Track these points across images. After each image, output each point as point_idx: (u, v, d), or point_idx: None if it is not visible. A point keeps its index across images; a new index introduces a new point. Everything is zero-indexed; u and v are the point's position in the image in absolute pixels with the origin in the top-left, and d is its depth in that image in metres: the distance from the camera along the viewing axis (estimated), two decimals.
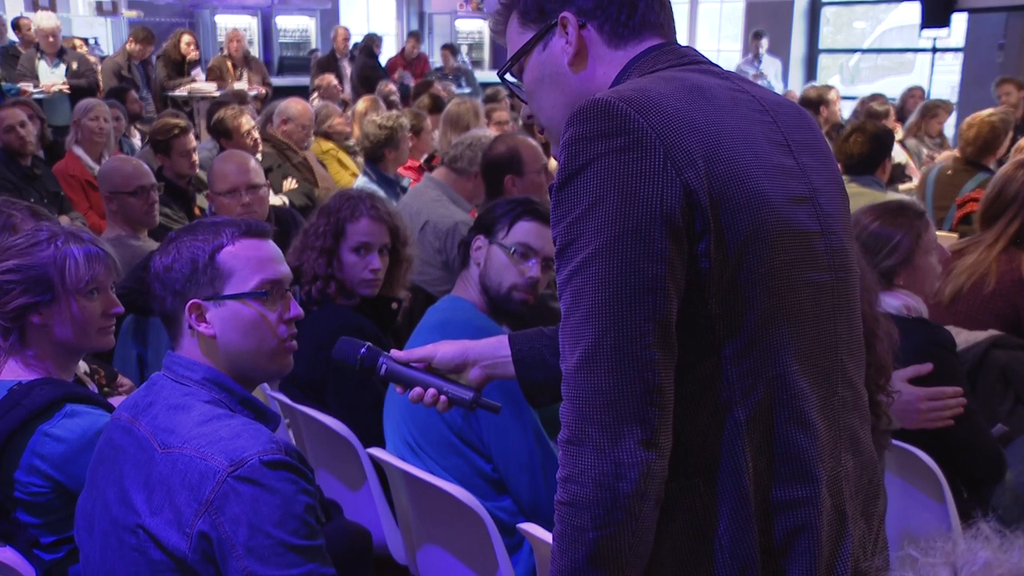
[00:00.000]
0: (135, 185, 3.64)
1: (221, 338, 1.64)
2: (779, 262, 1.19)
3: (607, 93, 1.18)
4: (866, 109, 7.15)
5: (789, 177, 1.23)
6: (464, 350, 1.55)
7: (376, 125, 4.93)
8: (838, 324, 1.28)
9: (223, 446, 1.49)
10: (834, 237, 1.28)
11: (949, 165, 5.18)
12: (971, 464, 2.40)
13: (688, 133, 1.15)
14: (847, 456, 1.29)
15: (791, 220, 1.21)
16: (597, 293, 1.12)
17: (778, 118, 1.28)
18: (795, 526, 1.22)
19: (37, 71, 7.99)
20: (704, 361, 1.18)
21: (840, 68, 13.57)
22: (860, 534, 1.30)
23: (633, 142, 1.13)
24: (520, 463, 2.25)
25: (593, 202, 1.13)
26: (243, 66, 9.23)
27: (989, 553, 0.73)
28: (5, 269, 1.93)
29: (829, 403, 1.26)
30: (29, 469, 1.84)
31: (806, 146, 1.29)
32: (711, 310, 1.17)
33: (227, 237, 1.65)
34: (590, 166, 1.14)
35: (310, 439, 2.77)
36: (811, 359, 1.24)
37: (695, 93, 1.21)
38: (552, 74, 1.34)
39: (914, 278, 2.44)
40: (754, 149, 1.20)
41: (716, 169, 1.15)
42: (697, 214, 1.14)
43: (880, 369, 1.99)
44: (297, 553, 1.46)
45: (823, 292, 1.25)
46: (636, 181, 1.12)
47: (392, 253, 2.89)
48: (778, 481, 1.21)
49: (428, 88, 8.19)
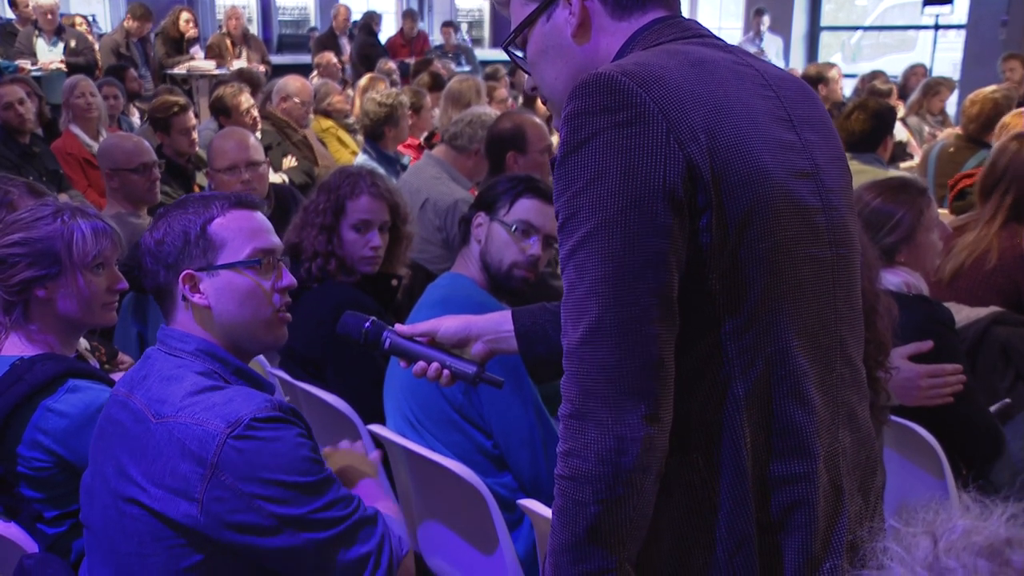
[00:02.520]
0: (138, 162, 3.63)
1: (216, 308, 1.64)
2: (780, 238, 1.19)
3: (609, 67, 1.18)
4: (868, 87, 7.12)
5: (791, 152, 1.23)
6: (467, 325, 1.55)
7: (376, 103, 4.91)
8: (838, 301, 1.28)
9: (218, 411, 1.50)
10: (835, 213, 1.27)
11: (951, 143, 5.16)
12: (970, 441, 2.40)
13: (691, 107, 1.15)
14: (844, 432, 1.29)
15: (792, 195, 1.21)
16: (600, 268, 1.12)
17: (781, 93, 1.27)
18: (792, 501, 1.22)
19: (35, 49, 7.96)
20: (704, 337, 1.18)
21: (842, 46, 13.51)
22: (857, 509, 1.31)
23: (635, 116, 1.13)
24: (520, 439, 2.26)
25: (594, 176, 1.13)
26: (242, 44, 9.19)
27: (968, 521, 0.73)
28: (11, 242, 1.92)
29: (827, 379, 1.27)
30: (32, 444, 1.84)
31: (809, 121, 1.28)
32: (712, 286, 1.17)
33: (217, 209, 1.66)
34: (592, 140, 1.13)
35: (311, 416, 2.77)
36: (810, 335, 1.24)
37: (698, 67, 1.20)
38: (555, 46, 1.33)
39: (915, 255, 2.44)
40: (756, 124, 1.20)
41: (718, 143, 1.15)
42: (699, 188, 1.14)
43: (879, 346, 1.99)
44: (313, 489, 1.52)
45: (823, 268, 1.25)
46: (638, 155, 1.12)
47: (392, 230, 2.89)
48: (776, 457, 1.22)
49: (428, 66, 8.16)
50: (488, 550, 2.19)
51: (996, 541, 0.71)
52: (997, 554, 0.70)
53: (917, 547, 0.73)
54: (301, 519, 1.51)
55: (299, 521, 1.51)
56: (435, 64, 8.40)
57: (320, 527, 1.52)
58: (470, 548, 2.27)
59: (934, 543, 0.72)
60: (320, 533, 1.52)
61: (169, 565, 1.52)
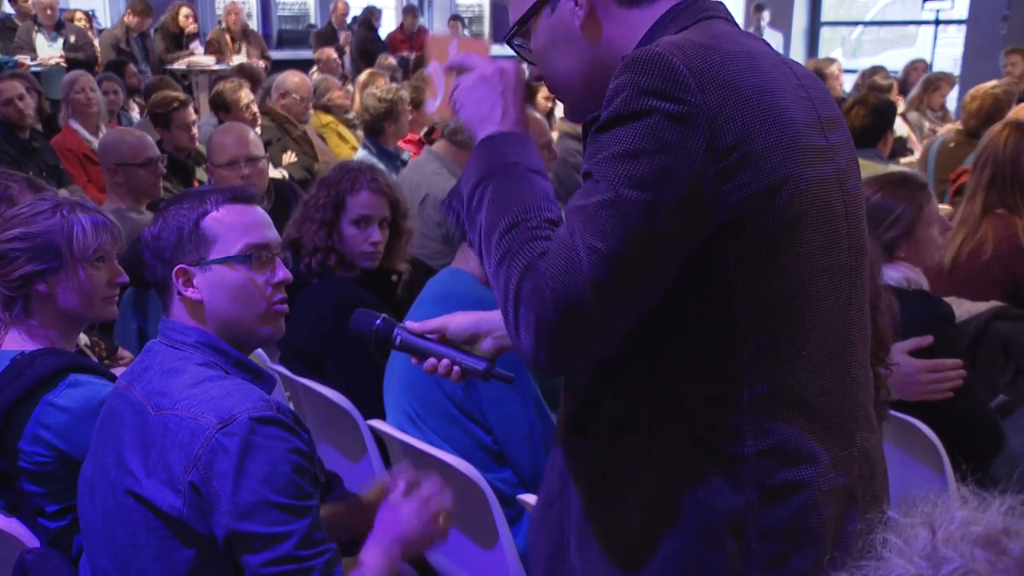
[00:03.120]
0: (144, 156, 3.62)
1: (209, 303, 1.64)
2: (806, 249, 1.19)
3: (672, 50, 1.14)
4: (869, 83, 7.11)
5: (823, 159, 1.21)
6: (477, 321, 1.55)
7: (376, 98, 4.91)
8: (852, 307, 1.28)
9: (213, 405, 1.50)
10: (855, 219, 1.27)
11: (951, 138, 5.16)
12: (970, 436, 2.41)
13: (744, 110, 1.13)
14: (863, 435, 1.29)
15: (822, 207, 1.20)
16: (599, 239, 1.11)
17: (811, 93, 1.25)
18: (800, 507, 1.22)
19: (35, 44, 7.95)
20: (721, 341, 1.18)
21: (842, 41, 13.49)
22: (866, 510, 1.31)
23: (684, 115, 1.11)
24: (520, 434, 2.26)
25: (627, 154, 1.11)
26: (241, 39, 9.18)
27: (966, 512, 0.74)
28: (10, 237, 1.92)
29: (842, 384, 1.26)
30: (33, 439, 1.84)
31: (833, 123, 1.27)
32: (735, 295, 1.17)
33: (212, 203, 1.66)
34: (638, 119, 1.12)
35: (311, 411, 2.78)
36: (826, 342, 1.24)
37: (751, 60, 1.18)
38: (565, 39, 1.31)
39: (915, 250, 2.44)
40: (798, 131, 1.18)
41: (761, 150, 1.13)
42: (727, 199, 1.13)
43: (880, 342, 1.99)
44: (282, 511, 1.46)
45: (842, 276, 1.25)
46: (674, 155, 1.11)
47: (392, 226, 2.89)
48: (784, 462, 1.21)
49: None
50: (488, 545, 2.19)
51: (993, 531, 0.72)
52: (994, 543, 0.71)
53: (915, 538, 0.73)
54: (254, 538, 1.45)
55: (252, 539, 1.45)
56: None
57: (268, 555, 1.45)
58: (470, 543, 2.27)
59: (932, 534, 0.73)
60: (266, 568, 1.45)
61: (163, 557, 1.51)
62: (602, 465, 1.29)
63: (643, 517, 1.24)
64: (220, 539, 1.48)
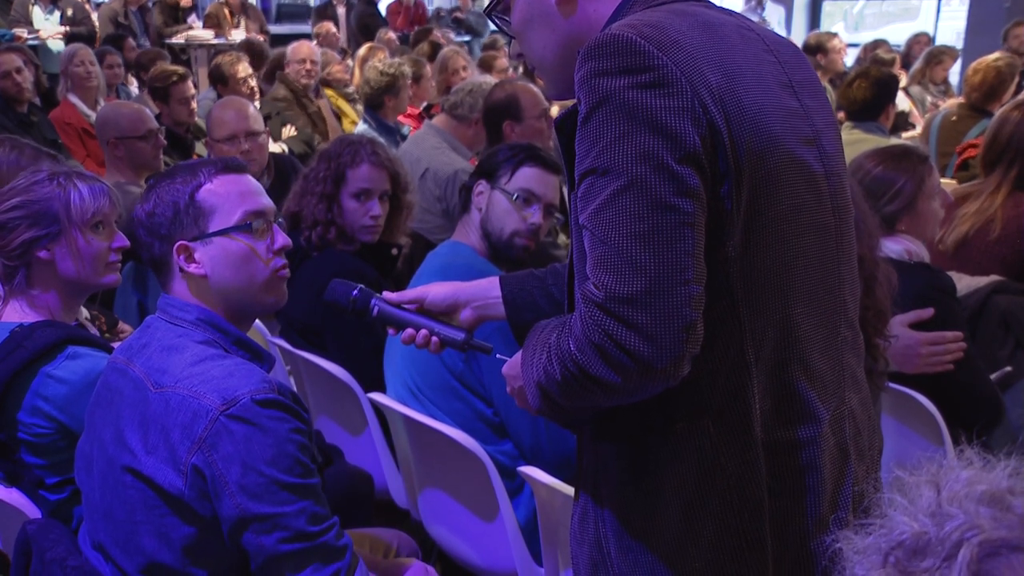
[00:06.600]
0: (144, 129, 3.62)
1: (212, 276, 1.63)
2: (789, 205, 1.19)
3: (623, 28, 1.15)
4: (871, 56, 7.08)
5: (796, 118, 1.23)
6: (455, 291, 1.55)
7: (378, 71, 4.89)
8: (841, 265, 1.29)
9: (216, 385, 1.49)
10: (836, 179, 1.28)
11: (953, 112, 5.14)
12: (970, 408, 2.41)
13: (708, 72, 1.13)
14: (850, 394, 1.31)
15: (801, 163, 1.21)
16: (633, 225, 1.09)
17: (781, 57, 1.27)
18: (800, 466, 1.23)
19: (31, 17, 7.89)
20: (718, 303, 1.18)
21: (844, 15, 13.39)
22: (864, 468, 1.32)
23: (659, 79, 1.11)
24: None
25: (620, 136, 1.10)
26: (240, 13, 9.12)
27: (972, 472, 0.75)
28: (9, 207, 1.93)
29: (833, 343, 1.28)
30: (32, 410, 1.85)
31: (807, 87, 1.28)
32: (728, 252, 1.16)
33: (205, 176, 1.64)
34: (612, 100, 1.11)
35: (311, 384, 2.78)
36: (816, 301, 1.25)
37: (708, 30, 1.19)
38: (541, 14, 1.30)
39: (916, 223, 2.43)
40: (765, 90, 1.19)
41: (732, 109, 1.14)
42: (720, 155, 1.13)
43: (878, 313, 2.00)
44: (290, 491, 1.48)
45: (828, 234, 1.26)
46: (667, 116, 1.10)
47: (392, 199, 2.88)
48: (783, 422, 1.22)
49: (428, 35, 8.11)
50: (489, 517, 2.20)
51: (998, 490, 0.73)
52: (999, 500, 0.72)
53: (920, 496, 0.74)
54: (266, 518, 1.47)
55: (264, 520, 1.47)
56: (434, 33, 8.34)
57: (282, 533, 1.47)
58: (471, 515, 2.28)
59: (937, 492, 0.74)
60: (283, 545, 1.47)
61: (161, 534, 1.52)
62: (633, 466, 1.27)
63: (682, 510, 1.23)
64: (229, 521, 1.48)
